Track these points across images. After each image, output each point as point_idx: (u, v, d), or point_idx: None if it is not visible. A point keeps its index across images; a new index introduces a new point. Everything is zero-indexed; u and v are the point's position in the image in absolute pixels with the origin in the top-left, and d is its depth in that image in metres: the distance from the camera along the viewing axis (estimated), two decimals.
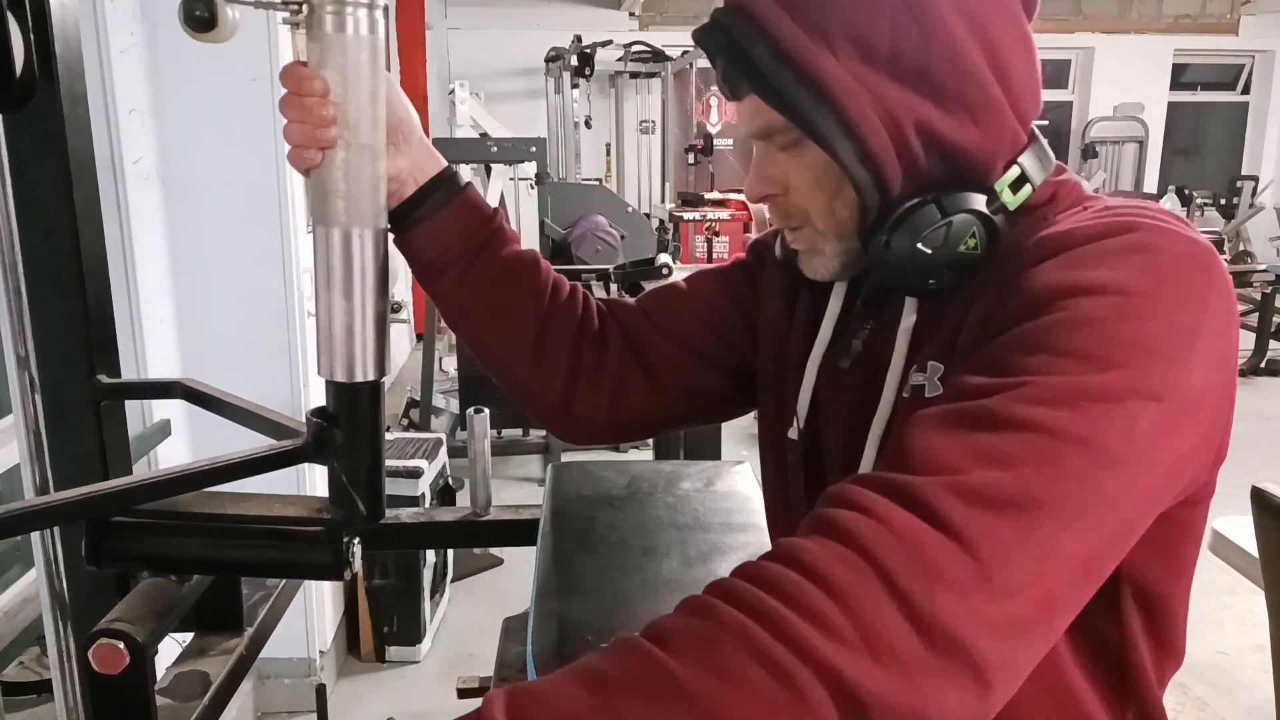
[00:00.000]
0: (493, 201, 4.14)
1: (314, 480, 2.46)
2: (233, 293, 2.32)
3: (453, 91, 4.98)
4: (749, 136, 0.77)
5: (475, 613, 3.09)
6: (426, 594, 2.86)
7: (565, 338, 0.94)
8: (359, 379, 0.79)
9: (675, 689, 0.52)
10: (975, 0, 0.68)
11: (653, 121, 7.87)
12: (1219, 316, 0.63)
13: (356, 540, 0.85)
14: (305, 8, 0.74)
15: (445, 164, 0.89)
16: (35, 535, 1.10)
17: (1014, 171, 0.72)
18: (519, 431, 4.38)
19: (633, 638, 0.56)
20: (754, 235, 5.41)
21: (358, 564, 0.86)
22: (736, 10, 0.71)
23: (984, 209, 0.70)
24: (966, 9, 0.68)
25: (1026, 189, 0.72)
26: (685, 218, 6.51)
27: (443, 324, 5.54)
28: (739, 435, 4.16)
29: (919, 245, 0.70)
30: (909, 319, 0.75)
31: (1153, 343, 0.61)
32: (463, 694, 1.50)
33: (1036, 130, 0.75)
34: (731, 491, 1.34)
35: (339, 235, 0.77)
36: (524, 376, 0.95)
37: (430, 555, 2.90)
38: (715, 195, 6.88)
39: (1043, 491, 0.57)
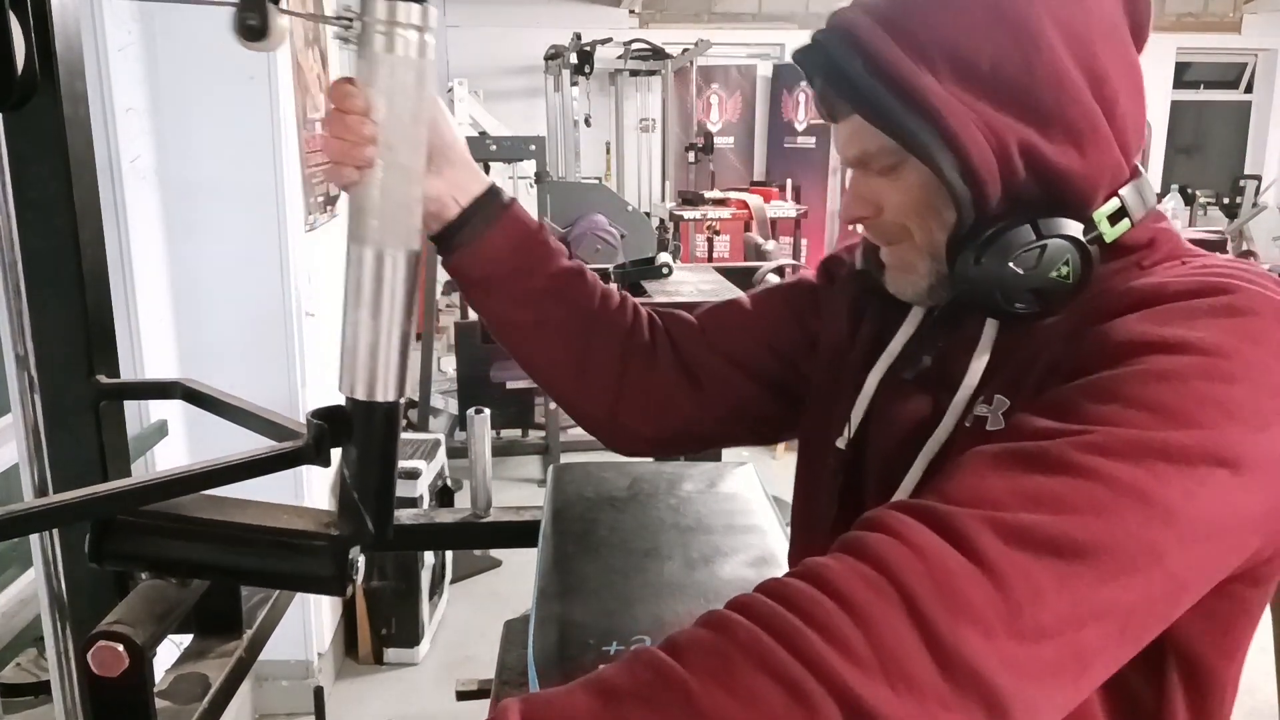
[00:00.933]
0: None
1: (312, 480, 2.45)
2: (230, 293, 2.32)
3: (451, 89, 4.97)
4: (845, 163, 0.77)
5: (474, 614, 3.09)
6: (425, 596, 2.86)
7: (612, 350, 0.94)
8: (379, 398, 0.79)
9: (686, 700, 0.51)
10: (1082, 25, 0.67)
11: (653, 120, 7.86)
12: None
13: (360, 557, 0.84)
14: (358, 25, 0.74)
15: (489, 183, 0.89)
16: (34, 536, 1.10)
17: (1114, 203, 0.70)
18: (518, 432, 4.38)
19: (647, 650, 0.55)
20: (754, 234, 5.41)
21: (360, 579, 0.86)
22: (836, 30, 0.70)
23: (1080, 236, 0.68)
24: (1073, 34, 0.67)
25: (1125, 223, 0.70)
26: (685, 216, 6.50)
27: (441, 324, 5.53)
28: None
29: (1010, 264, 0.68)
30: (986, 343, 0.72)
31: (1236, 407, 0.58)
32: (461, 696, 1.49)
33: (1140, 166, 0.73)
34: (734, 493, 1.33)
35: (371, 254, 0.77)
36: (570, 389, 0.95)
37: (429, 557, 2.89)
38: (716, 194, 6.87)
39: (1088, 541, 0.54)
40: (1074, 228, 0.68)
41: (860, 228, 0.79)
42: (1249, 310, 0.61)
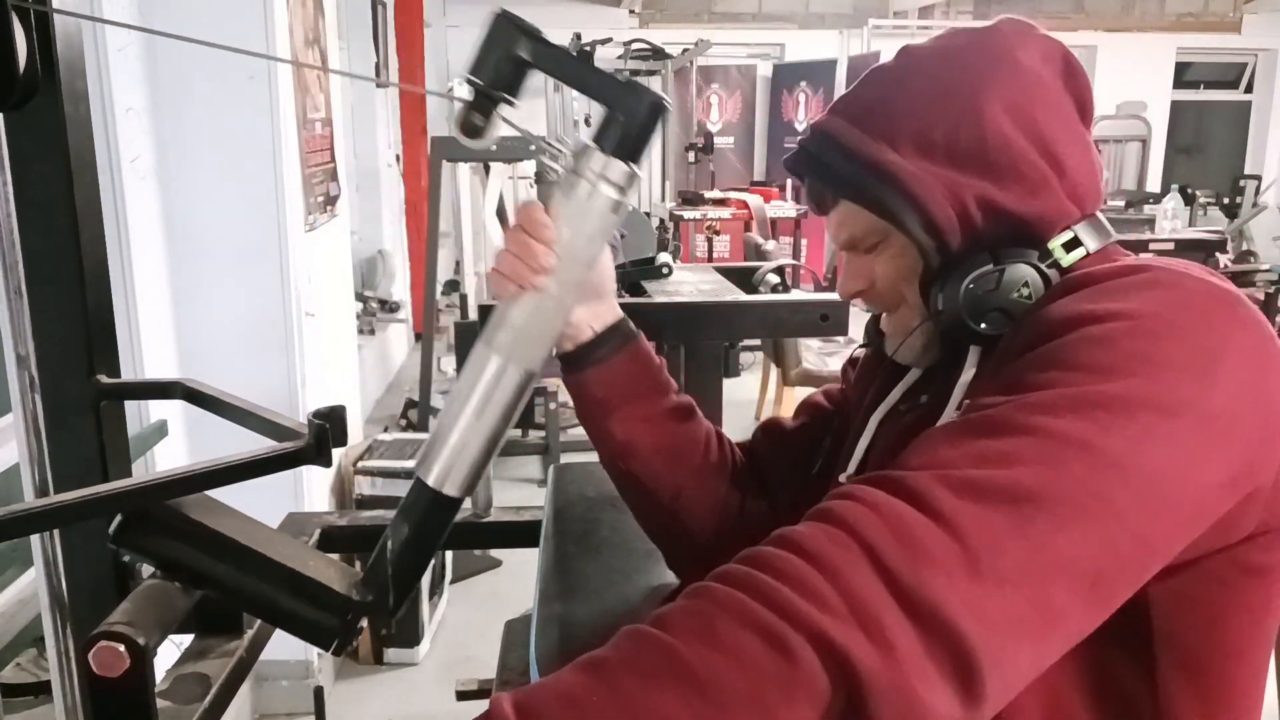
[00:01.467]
0: (492, 200, 4.14)
1: (312, 479, 2.45)
2: (230, 293, 2.32)
3: (451, 89, 4.97)
4: (838, 248, 0.87)
5: (474, 614, 3.09)
6: (425, 596, 2.86)
7: (720, 481, 0.98)
8: (446, 491, 0.81)
9: (671, 661, 0.54)
10: (1025, 101, 0.76)
11: None
12: (1249, 352, 0.63)
13: (364, 623, 0.85)
14: (566, 163, 0.79)
15: (622, 315, 0.95)
16: (35, 536, 1.10)
17: (1067, 234, 0.77)
18: (519, 432, 4.38)
19: (632, 626, 0.58)
20: (754, 234, 5.41)
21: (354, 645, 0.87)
22: (815, 133, 0.82)
23: (1035, 262, 0.75)
24: (1015, 108, 0.75)
25: (1081, 250, 0.77)
26: (686, 216, 6.50)
27: (441, 324, 5.52)
28: (742, 434, 4.15)
29: (971, 287, 0.75)
30: (970, 369, 0.78)
31: (1165, 358, 0.61)
32: (461, 696, 1.49)
33: (1099, 215, 0.80)
34: None
35: (496, 363, 0.80)
36: (673, 514, 0.97)
37: None
38: (716, 194, 6.87)
39: (1037, 488, 0.57)
40: (1029, 254, 0.76)
41: (859, 301, 0.88)
42: (1173, 284, 0.66)
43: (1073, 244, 0.76)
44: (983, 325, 0.76)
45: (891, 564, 0.55)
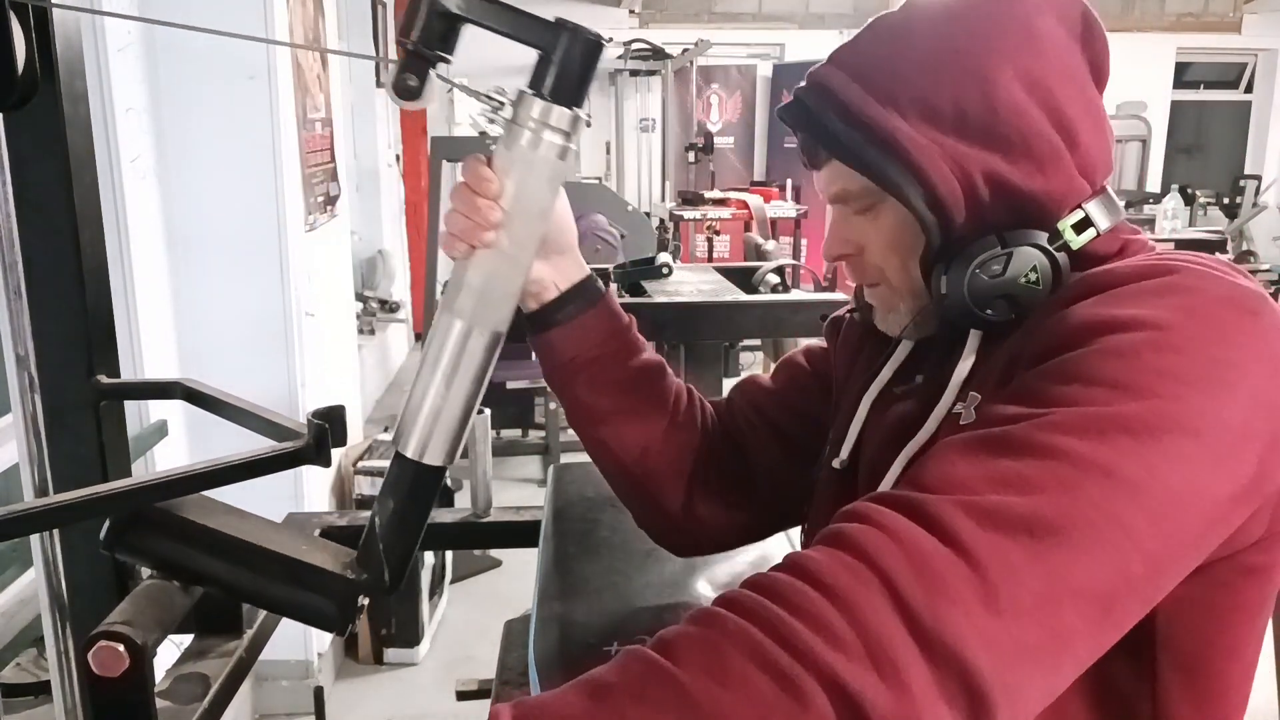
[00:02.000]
0: None
1: (312, 479, 2.45)
2: (230, 293, 2.32)
3: (451, 89, 4.96)
4: (827, 200, 0.82)
5: (474, 614, 3.09)
6: (425, 596, 2.86)
7: (690, 445, 0.96)
8: (428, 461, 0.80)
9: (677, 693, 0.52)
10: (1039, 69, 0.71)
11: (653, 120, 7.86)
12: (1268, 361, 0.62)
13: (365, 602, 0.85)
14: (508, 113, 0.76)
15: (588, 272, 0.92)
16: (34, 536, 1.10)
17: (1077, 214, 0.73)
18: (519, 432, 4.38)
19: (637, 648, 0.56)
20: (754, 234, 5.41)
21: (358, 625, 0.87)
22: (812, 85, 0.77)
23: (1044, 244, 0.72)
24: (1029, 76, 0.71)
25: (1091, 232, 0.74)
26: (686, 216, 6.49)
27: None
28: None
29: (977, 272, 0.72)
30: (970, 355, 0.75)
31: (1185, 374, 0.60)
32: (461, 696, 1.49)
33: (1108, 188, 0.77)
34: None
35: (460, 328, 0.78)
36: (643, 479, 0.96)
37: (429, 557, 2.89)
38: (716, 194, 6.87)
39: (1057, 517, 0.56)
40: (1038, 236, 0.72)
41: (843, 265, 0.84)
42: (1195, 288, 0.64)
43: (1082, 225, 0.73)
44: (988, 311, 0.72)
45: (910, 599, 0.53)
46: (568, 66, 0.74)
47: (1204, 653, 0.69)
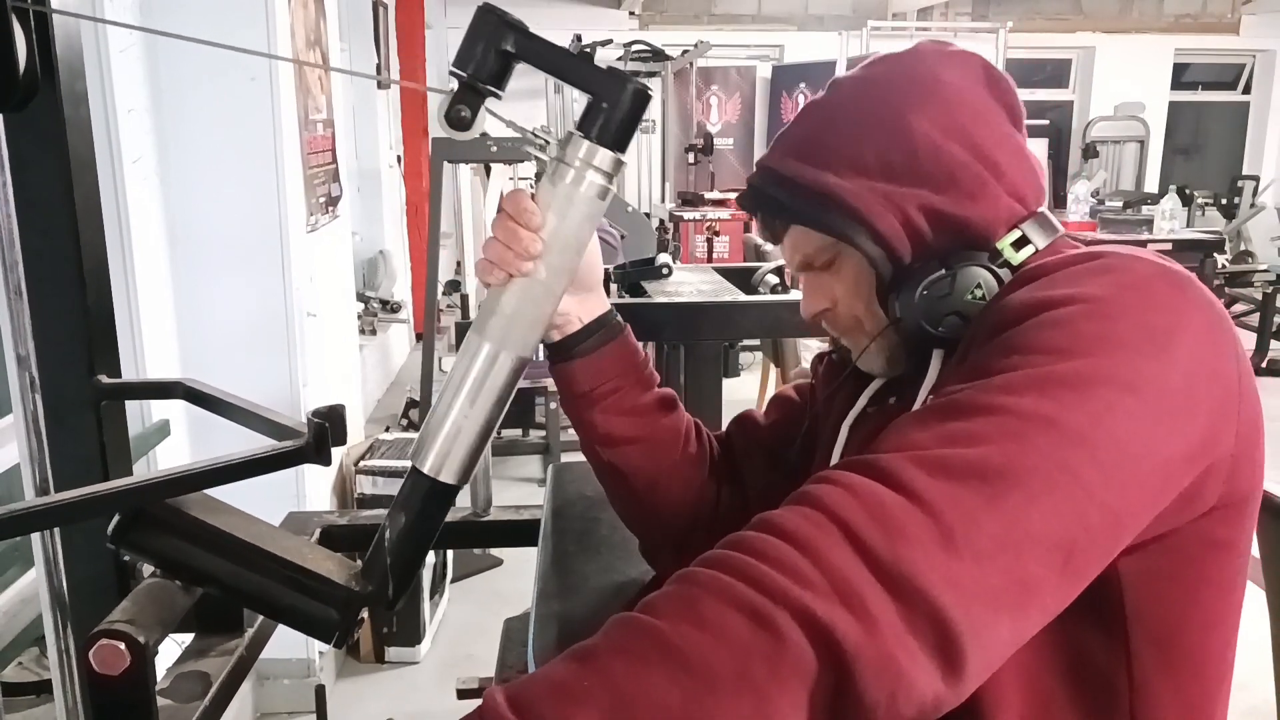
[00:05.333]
0: (492, 201, 4.15)
1: (313, 479, 2.45)
2: (231, 293, 2.32)
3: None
4: (794, 270, 0.91)
5: (475, 613, 3.09)
6: (426, 594, 2.86)
7: (697, 477, 1.00)
8: (443, 479, 0.81)
9: (659, 644, 0.55)
10: (949, 113, 0.79)
11: (652, 121, 7.85)
12: (1202, 330, 0.66)
13: (366, 614, 0.85)
14: (553, 150, 0.79)
15: (609, 307, 0.96)
16: (35, 535, 1.10)
17: (1015, 233, 0.79)
18: (519, 432, 4.38)
19: (620, 614, 0.59)
20: (754, 235, 5.41)
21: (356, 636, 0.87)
22: (759, 169, 0.87)
23: (986, 263, 0.78)
24: (941, 119, 0.79)
25: (1030, 248, 0.79)
26: (685, 217, 6.50)
27: (442, 324, 5.52)
28: None
29: (925, 293, 0.78)
30: (933, 373, 0.80)
31: (1123, 337, 0.64)
32: (462, 694, 1.50)
33: (1045, 211, 0.82)
34: None
35: (488, 350, 0.81)
36: (651, 506, 1.00)
37: (430, 556, 2.89)
38: (715, 195, 6.88)
39: (1006, 464, 0.59)
40: (980, 256, 0.79)
41: (823, 322, 0.91)
42: (1124, 268, 0.69)
43: (1021, 242, 0.79)
44: (940, 329, 0.78)
45: (869, 541, 0.56)
46: (617, 113, 0.77)
47: (1178, 627, 0.71)
